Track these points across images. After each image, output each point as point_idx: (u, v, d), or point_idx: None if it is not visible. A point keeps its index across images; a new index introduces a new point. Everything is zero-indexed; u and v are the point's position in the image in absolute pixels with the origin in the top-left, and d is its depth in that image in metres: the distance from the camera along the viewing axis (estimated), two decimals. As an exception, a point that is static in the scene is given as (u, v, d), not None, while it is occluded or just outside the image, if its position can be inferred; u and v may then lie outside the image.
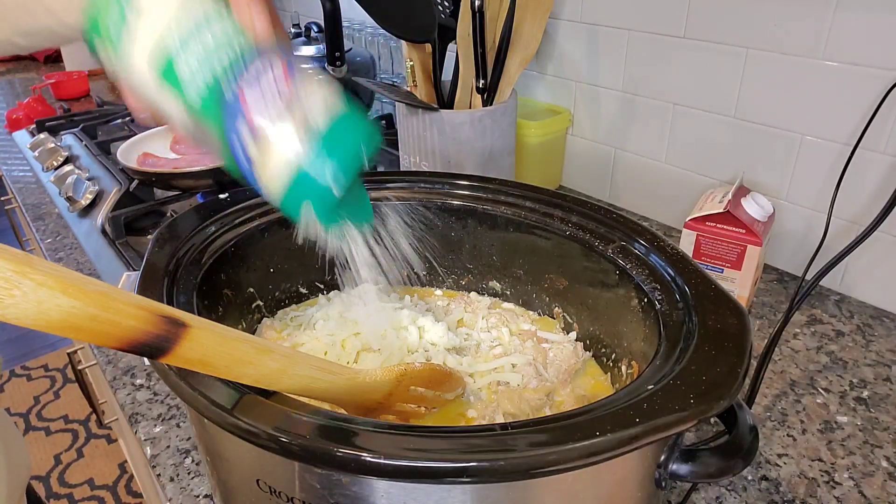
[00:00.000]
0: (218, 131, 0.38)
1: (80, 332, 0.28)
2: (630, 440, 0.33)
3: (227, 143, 0.38)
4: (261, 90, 0.37)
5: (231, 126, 0.37)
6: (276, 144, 0.37)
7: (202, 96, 0.37)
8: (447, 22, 0.85)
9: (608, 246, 0.53)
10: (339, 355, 0.55)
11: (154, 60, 0.37)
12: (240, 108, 0.37)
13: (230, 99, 0.37)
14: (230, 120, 0.37)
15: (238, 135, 0.37)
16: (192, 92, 0.37)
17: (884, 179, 0.71)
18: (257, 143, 0.37)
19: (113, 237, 0.91)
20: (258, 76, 0.37)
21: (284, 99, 0.37)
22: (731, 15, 0.79)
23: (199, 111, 0.38)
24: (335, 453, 0.32)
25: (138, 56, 0.38)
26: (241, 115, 0.37)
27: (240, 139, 0.38)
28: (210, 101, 0.37)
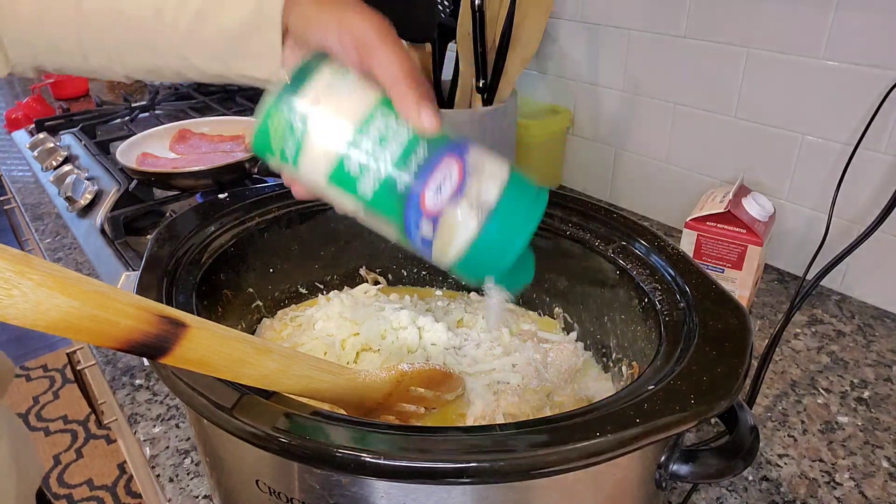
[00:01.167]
0: (391, 220, 0.40)
1: (79, 333, 0.28)
2: (630, 440, 0.33)
3: (404, 229, 0.41)
4: (432, 179, 0.39)
5: (406, 213, 0.39)
6: (449, 227, 0.39)
7: (374, 192, 0.39)
8: (447, 22, 0.85)
9: (608, 246, 0.53)
10: (339, 355, 0.55)
11: (326, 165, 0.39)
12: (416, 199, 0.39)
13: (402, 191, 0.39)
14: (406, 208, 0.39)
15: (414, 220, 0.40)
16: (365, 188, 0.39)
17: (884, 179, 0.71)
18: (432, 228, 0.39)
19: (112, 237, 0.91)
20: (428, 167, 0.39)
21: (454, 184, 0.39)
22: (731, 15, 0.78)
23: (371, 203, 0.40)
24: (335, 453, 0.32)
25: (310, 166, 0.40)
26: (417, 206, 0.39)
27: (415, 226, 0.40)
28: (381, 195, 0.39)
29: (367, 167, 0.39)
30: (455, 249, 0.40)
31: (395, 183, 0.39)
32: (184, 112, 1.36)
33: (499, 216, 0.39)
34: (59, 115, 1.40)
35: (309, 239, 0.63)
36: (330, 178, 0.40)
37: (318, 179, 0.40)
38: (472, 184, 0.39)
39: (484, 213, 0.39)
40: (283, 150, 0.40)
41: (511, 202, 0.40)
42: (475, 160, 0.40)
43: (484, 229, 0.39)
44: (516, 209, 0.40)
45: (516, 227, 0.40)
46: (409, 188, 0.39)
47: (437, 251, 0.41)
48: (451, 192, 0.39)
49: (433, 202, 0.39)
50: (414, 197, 0.39)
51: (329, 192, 0.41)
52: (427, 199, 0.39)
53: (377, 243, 0.66)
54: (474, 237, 0.39)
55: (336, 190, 0.40)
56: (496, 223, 0.39)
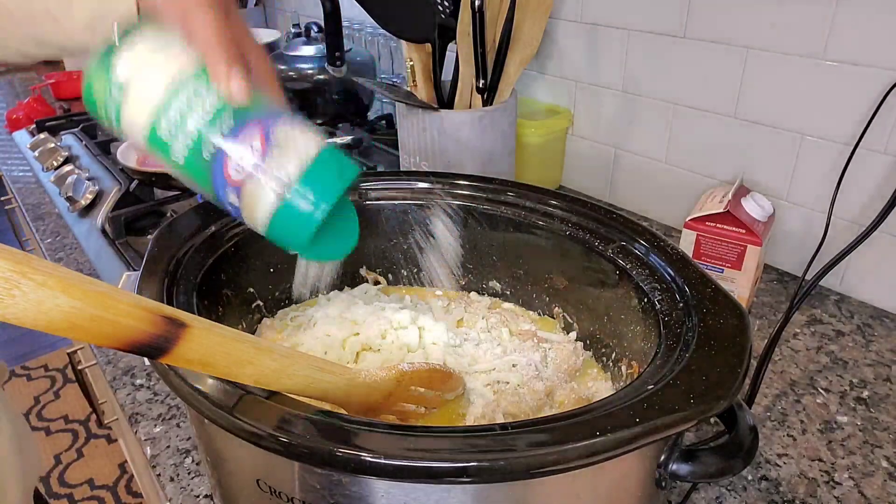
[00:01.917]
0: (203, 186, 0.42)
1: (80, 332, 0.28)
2: (630, 440, 0.33)
3: (215, 196, 0.42)
4: (234, 148, 0.40)
5: (214, 180, 0.41)
6: (250, 197, 0.40)
7: (185, 156, 0.41)
8: (447, 22, 0.85)
9: (608, 246, 0.53)
10: (339, 355, 0.55)
11: (141, 128, 0.41)
12: (219, 164, 0.40)
13: (209, 157, 0.40)
14: (212, 175, 0.41)
15: (220, 187, 0.41)
16: (177, 152, 0.41)
17: (884, 179, 0.71)
18: (237, 196, 0.41)
19: (113, 237, 0.91)
20: (234, 134, 0.40)
21: (257, 155, 0.40)
22: (731, 15, 0.79)
23: (184, 168, 0.41)
24: (335, 453, 0.32)
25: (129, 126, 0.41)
26: (221, 174, 0.40)
27: (223, 190, 0.41)
28: (191, 161, 0.41)
29: (177, 132, 0.40)
30: (259, 220, 0.41)
31: (201, 149, 0.40)
32: (184, 112, 1.36)
33: (296, 191, 0.40)
34: (60, 115, 1.40)
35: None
36: (147, 141, 0.41)
37: (139, 141, 0.41)
38: (273, 156, 0.40)
39: (282, 187, 0.40)
40: (105, 111, 0.41)
41: (310, 178, 0.40)
42: (282, 133, 0.41)
43: (283, 203, 0.40)
44: (315, 185, 0.41)
45: (314, 202, 0.41)
46: (214, 156, 0.40)
47: (247, 219, 0.42)
48: (252, 163, 0.40)
49: (235, 171, 0.40)
50: (218, 165, 0.40)
51: (150, 153, 0.42)
52: (229, 167, 0.40)
53: (377, 243, 0.66)
54: (273, 210, 0.40)
55: (154, 152, 0.41)
56: (292, 198, 0.40)
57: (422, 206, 0.63)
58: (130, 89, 0.40)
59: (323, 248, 0.46)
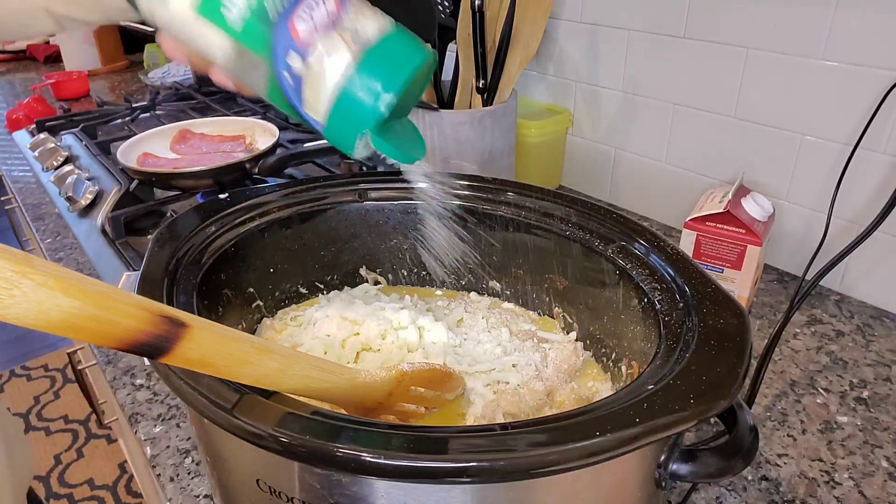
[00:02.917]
0: (262, 54, 0.37)
1: (80, 333, 0.28)
2: (630, 440, 0.33)
3: (272, 65, 0.37)
4: (307, 7, 0.36)
5: (276, 46, 0.36)
6: (323, 59, 0.36)
7: (245, 19, 0.36)
8: (447, 22, 0.85)
9: (608, 246, 0.53)
10: (339, 355, 0.55)
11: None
12: (285, 26, 0.36)
13: (274, 18, 0.36)
14: (276, 40, 0.36)
15: (284, 54, 0.36)
16: (234, 17, 0.36)
17: (884, 179, 0.71)
18: (304, 61, 0.36)
19: (113, 237, 0.91)
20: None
21: (331, 16, 0.36)
22: (731, 15, 0.79)
23: (242, 36, 0.37)
24: (335, 453, 0.32)
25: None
26: (287, 34, 0.36)
27: (285, 59, 0.36)
28: (253, 24, 0.36)
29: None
30: (326, 89, 0.36)
31: (265, 8, 0.36)
32: (184, 112, 1.36)
33: (375, 53, 0.36)
34: (60, 115, 1.40)
35: (309, 239, 0.63)
36: (198, 10, 0.37)
37: (186, 12, 0.37)
38: (350, 16, 0.36)
39: (359, 48, 0.36)
40: None
41: (390, 42, 0.37)
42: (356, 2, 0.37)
43: (359, 65, 0.36)
44: (395, 49, 0.37)
45: (394, 68, 0.37)
46: (281, 13, 0.36)
47: (307, 93, 0.37)
48: (326, 21, 0.36)
49: (305, 29, 0.36)
50: (283, 22, 0.36)
51: (198, 28, 0.37)
52: (298, 25, 0.36)
53: (377, 243, 0.66)
54: (347, 74, 0.36)
55: (205, 24, 0.37)
56: (372, 59, 0.36)
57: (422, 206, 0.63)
58: None
59: (390, 141, 0.40)
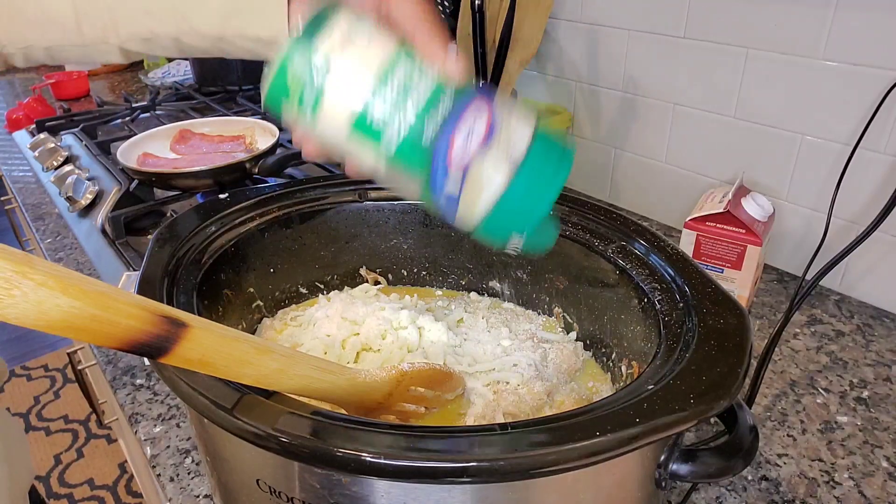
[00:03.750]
0: (416, 174, 0.39)
1: (80, 332, 0.28)
2: (630, 440, 0.33)
3: (428, 182, 0.39)
4: (459, 128, 0.37)
5: (434, 168, 0.38)
6: (477, 179, 0.37)
7: (398, 143, 0.38)
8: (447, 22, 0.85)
9: (608, 246, 0.53)
10: (339, 355, 0.55)
11: (347, 117, 0.38)
12: (442, 149, 0.37)
13: (428, 142, 0.37)
14: (433, 162, 0.38)
15: (440, 174, 0.38)
16: (389, 141, 0.37)
17: (884, 179, 0.71)
18: (459, 182, 0.38)
19: (113, 237, 0.91)
20: (456, 115, 0.37)
21: (482, 133, 0.37)
22: (731, 15, 0.79)
23: (395, 158, 0.38)
24: (335, 453, 0.32)
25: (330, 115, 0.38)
26: (443, 157, 0.37)
27: (441, 178, 0.38)
28: (406, 147, 0.38)
29: (391, 117, 0.37)
30: (483, 203, 0.38)
31: (420, 133, 0.37)
32: (184, 112, 1.36)
33: (529, 167, 0.37)
34: (60, 115, 1.40)
35: (309, 239, 0.63)
36: (352, 130, 0.38)
37: (339, 132, 0.38)
38: (501, 133, 0.37)
39: (513, 164, 0.37)
40: (300, 101, 0.38)
41: (540, 153, 0.38)
42: (502, 109, 0.38)
43: (513, 181, 0.37)
44: (546, 160, 0.38)
45: (546, 178, 0.38)
46: (436, 138, 0.37)
47: (463, 207, 0.39)
48: (479, 142, 0.37)
49: (460, 153, 0.37)
50: (441, 148, 0.37)
51: (349, 145, 0.39)
52: (454, 149, 0.37)
53: (377, 243, 0.66)
54: (503, 189, 0.37)
55: (357, 143, 0.38)
56: (527, 174, 0.37)
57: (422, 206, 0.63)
58: (334, 77, 0.37)
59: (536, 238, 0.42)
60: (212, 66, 1.52)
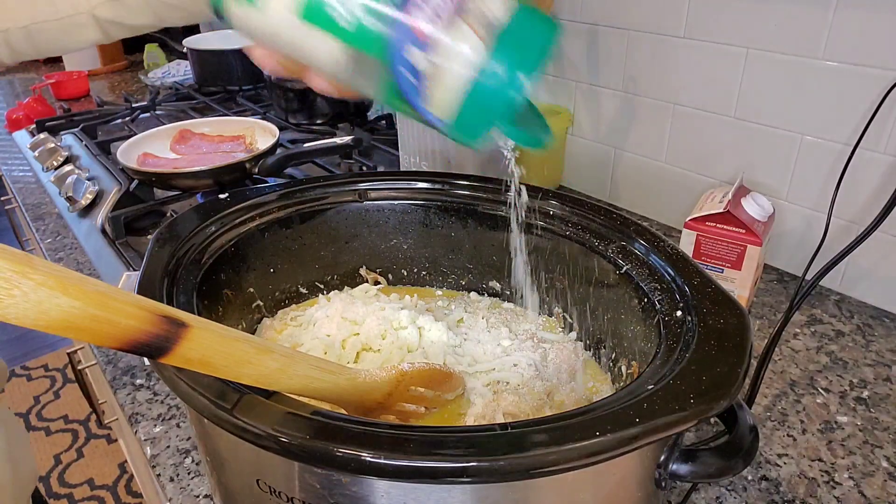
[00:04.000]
0: (378, 55, 0.34)
1: (80, 332, 0.28)
2: (630, 440, 0.33)
3: (391, 66, 0.34)
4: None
5: (394, 44, 0.33)
6: (450, 51, 0.32)
7: (357, 19, 0.33)
8: None
9: (608, 246, 0.53)
10: (339, 355, 0.55)
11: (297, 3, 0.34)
12: (404, 22, 0.33)
13: (391, 14, 0.33)
14: (393, 37, 0.33)
15: (403, 52, 0.33)
16: (344, 18, 0.33)
17: (884, 179, 0.71)
18: (427, 56, 0.33)
19: (113, 237, 0.91)
20: None
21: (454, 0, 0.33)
22: (731, 15, 0.79)
23: (355, 38, 0.34)
24: (335, 453, 0.32)
25: (277, 7, 0.34)
26: (406, 29, 0.33)
27: (405, 56, 0.33)
28: (365, 26, 0.33)
29: None
30: (455, 86, 0.33)
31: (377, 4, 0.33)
32: (184, 112, 1.36)
33: (507, 37, 0.33)
34: (60, 115, 1.40)
35: (309, 239, 0.63)
36: (303, 15, 0.34)
37: (288, 18, 0.34)
38: (473, 3, 0.33)
39: (489, 33, 0.33)
40: None
41: (520, 20, 0.33)
42: None
43: (492, 52, 0.33)
44: (526, 28, 0.33)
45: (528, 53, 0.33)
46: (399, 7, 0.33)
47: (434, 94, 0.34)
48: (449, 7, 0.32)
49: (426, 20, 0.32)
50: (404, 20, 0.33)
51: (301, 34, 0.35)
52: (418, 17, 0.32)
53: (377, 243, 0.66)
54: (480, 66, 0.33)
55: (310, 29, 0.34)
56: (505, 44, 0.33)
57: (422, 206, 0.63)
58: None
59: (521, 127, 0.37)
60: (212, 66, 1.52)
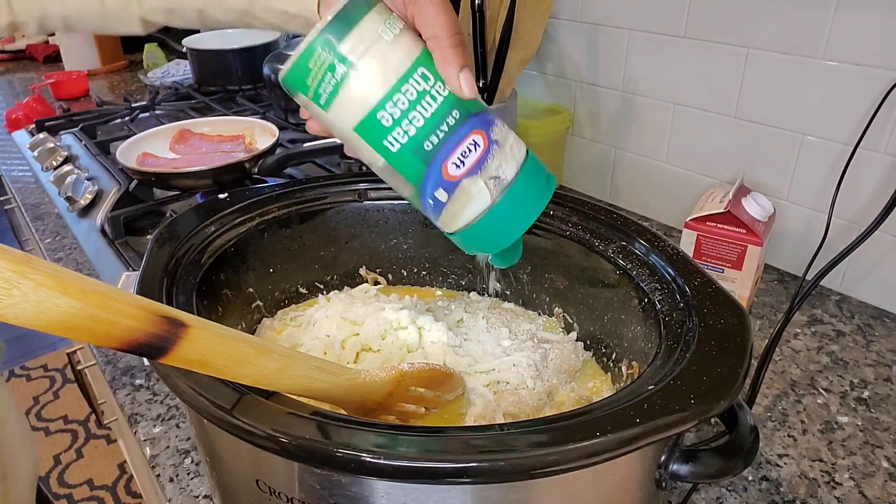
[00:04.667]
0: (409, 179, 0.41)
1: (80, 333, 0.28)
2: (630, 440, 0.33)
3: (419, 190, 0.41)
4: (459, 146, 0.39)
5: (427, 180, 0.40)
6: (464, 196, 0.40)
7: (402, 144, 0.39)
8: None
9: (608, 246, 0.53)
10: (339, 355, 0.55)
11: (359, 110, 0.39)
12: (439, 167, 0.40)
13: (426, 154, 0.39)
14: (427, 174, 0.40)
15: (432, 188, 0.40)
16: (393, 140, 0.39)
17: (884, 179, 0.71)
18: (447, 195, 0.40)
19: (112, 237, 0.90)
20: (459, 129, 0.40)
21: (478, 155, 0.40)
22: (731, 15, 0.79)
23: (394, 157, 0.40)
24: (335, 453, 0.32)
25: (344, 107, 0.39)
26: (439, 173, 0.40)
27: (433, 191, 0.41)
28: (405, 154, 0.40)
29: (398, 123, 0.39)
30: (464, 219, 0.41)
31: (421, 144, 0.39)
32: (184, 112, 1.36)
33: (512, 195, 0.41)
34: (60, 115, 1.40)
35: (309, 239, 0.63)
36: (358, 128, 0.40)
37: (346, 126, 0.40)
38: (495, 158, 0.40)
39: (499, 190, 0.40)
40: (317, 90, 0.39)
41: (525, 183, 0.41)
42: (500, 135, 0.41)
43: (496, 205, 0.40)
44: (528, 191, 0.41)
45: (526, 207, 0.42)
46: (435, 152, 0.39)
47: (445, 217, 0.42)
48: (474, 163, 0.40)
49: (455, 170, 0.40)
50: (437, 161, 0.40)
51: (352, 139, 0.41)
52: (449, 165, 0.40)
53: (377, 243, 0.66)
54: (485, 211, 0.41)
55: (361, 140, 0.40)
56: (508, 201, 0.41)
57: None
58: (355, 72, 0.38)
59: (503, 256, 0.47)
60: (211, 65, 1.51)
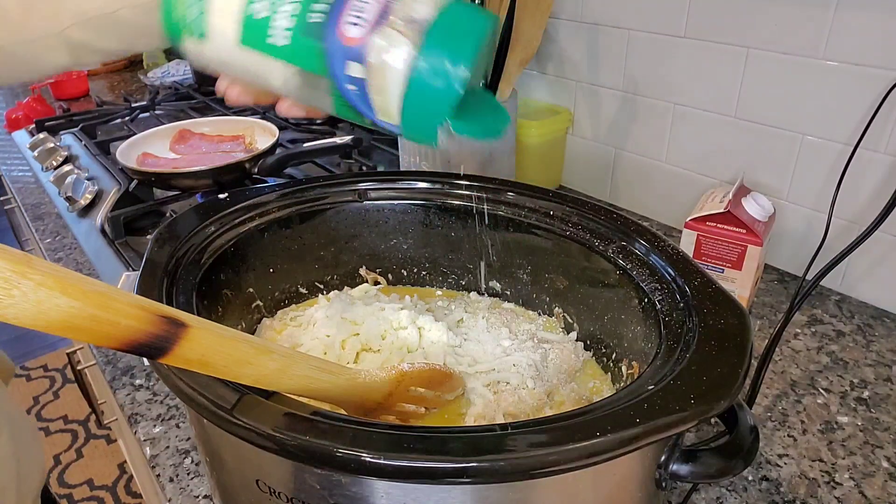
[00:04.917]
0: (318, 70, 0.35)
1: (80, 333, 0.28)
2: (630, 440, 0.33)
3: (331, 76, 0.35)
4: (353, 9, 0.34)
5: (331, 58, 0.34)
6: (381, 56, 0.34)
7: (290, 39, 0.35)
8: None
9: (608, 246, 0.53)
10: (339, 355, 0.55)
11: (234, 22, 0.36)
12: (335, 35, 0.34)
13: (319, 29, 0.34)
14: (328, 51, 0.34)
15: (341, 65, 0.34)
16: (279, 33, 0.35)
17: (884, 179, 0.71)
18: (362, 65, 0.34)
19: (112, 237, 0.91)
20: None
21: (380, 9, 0.34)
22: (731, 15, 0.78)
23: (293, 57, 0.35)
24: (335, 453, 0.32)
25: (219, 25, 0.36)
26: (338, 42, 0.34)
27: (344, 70, 0.34)
28: (298, 42, 0.35)
29: (273, 9, 0.34)
30: (395, 87, 0.34)
31: (307, 21, 0.34)
32: (184, 112, 1.36)
33: (440, 29, 0.34)
34: (60, 115, 1.40)
35: (309, 239, 0.63)
36: (244, 38, 0.36)
37: (232, 48, 0.36)
38: (399, 2, 0.34)
39: (417, 31, 0.34)
40: (189, 23, 0.36)
41: (448, 15, 0.34)
42: None
43: (421, 52, 0.33)
44: (455, 21, 0.34)
45: (459, 41, 0.34)
46: (325, 22, 0.34)
47: (375, 97, 0.35)
48: (376, 15, 0.34)
49: (355, 30, 0.34)
50: (332, 30, 0.34)
51: (247, 59, 0.36)
52: (346, 28, 0.34)
53: (377, 243, 0.66)
54: (414, 62, 0.34)
55: (252, 55, 0.36)
56: (438, 37, 0.34)
57: (422, 206, 0.63)
58: None
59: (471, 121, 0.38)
60: (211, 65, 1.51)
